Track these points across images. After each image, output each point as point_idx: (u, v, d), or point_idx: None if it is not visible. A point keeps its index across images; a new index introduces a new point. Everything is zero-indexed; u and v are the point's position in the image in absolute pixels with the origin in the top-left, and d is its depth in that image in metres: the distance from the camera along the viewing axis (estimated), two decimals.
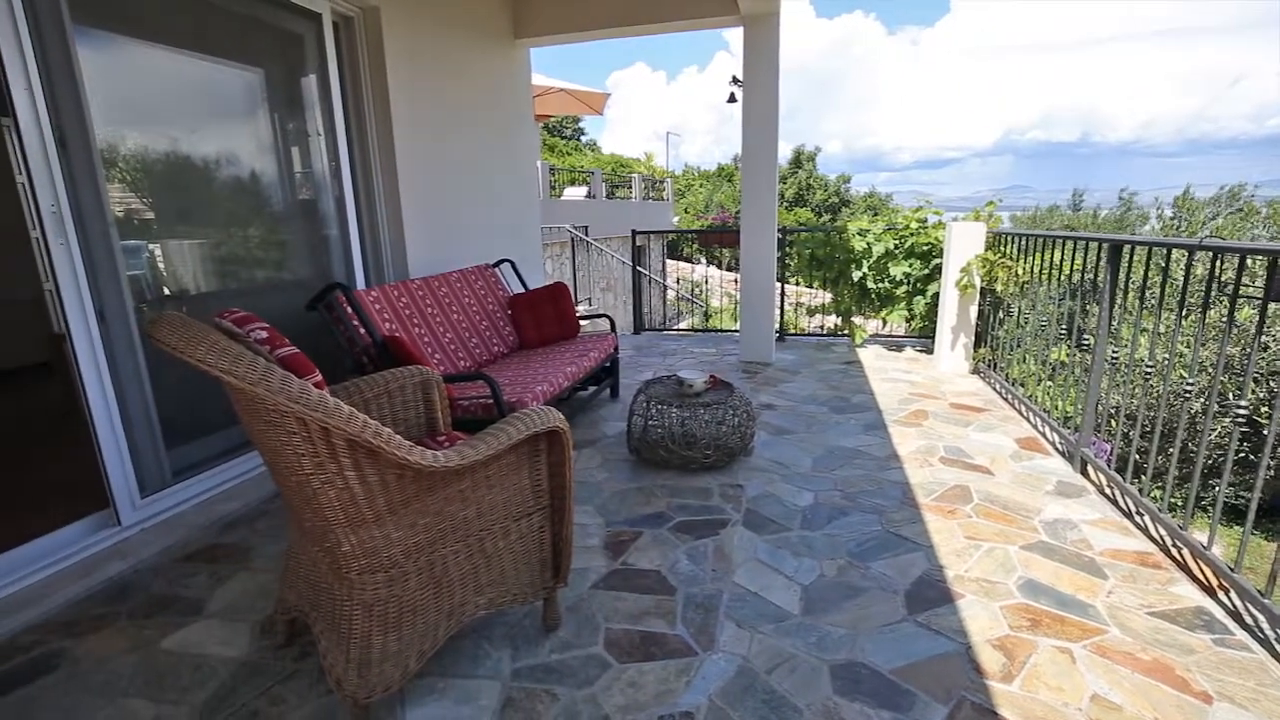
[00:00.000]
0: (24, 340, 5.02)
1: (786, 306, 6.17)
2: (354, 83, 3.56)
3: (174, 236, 2.86)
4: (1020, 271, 4.05)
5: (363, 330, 2.84)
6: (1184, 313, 2.41)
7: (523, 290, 4.38)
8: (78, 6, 2.27)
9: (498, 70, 4.81)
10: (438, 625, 1.56)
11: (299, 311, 3.01)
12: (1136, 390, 4.09)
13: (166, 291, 2.84)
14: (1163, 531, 2.38)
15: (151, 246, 2.75)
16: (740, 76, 4.90)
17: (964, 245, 4.60)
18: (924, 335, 5.77)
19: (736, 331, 6.35)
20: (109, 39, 2.51)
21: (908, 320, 5.73)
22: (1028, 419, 3.71)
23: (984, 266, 4.45)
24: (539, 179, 7.39)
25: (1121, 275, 2.89)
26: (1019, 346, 4.09)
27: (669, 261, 16.73)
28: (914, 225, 5.53)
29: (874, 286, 5.65)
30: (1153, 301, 2.90)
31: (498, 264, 4.35)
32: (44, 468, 3.17)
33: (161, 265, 2.81)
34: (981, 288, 4.61)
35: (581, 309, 8.58)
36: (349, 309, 2.85)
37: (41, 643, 1.93)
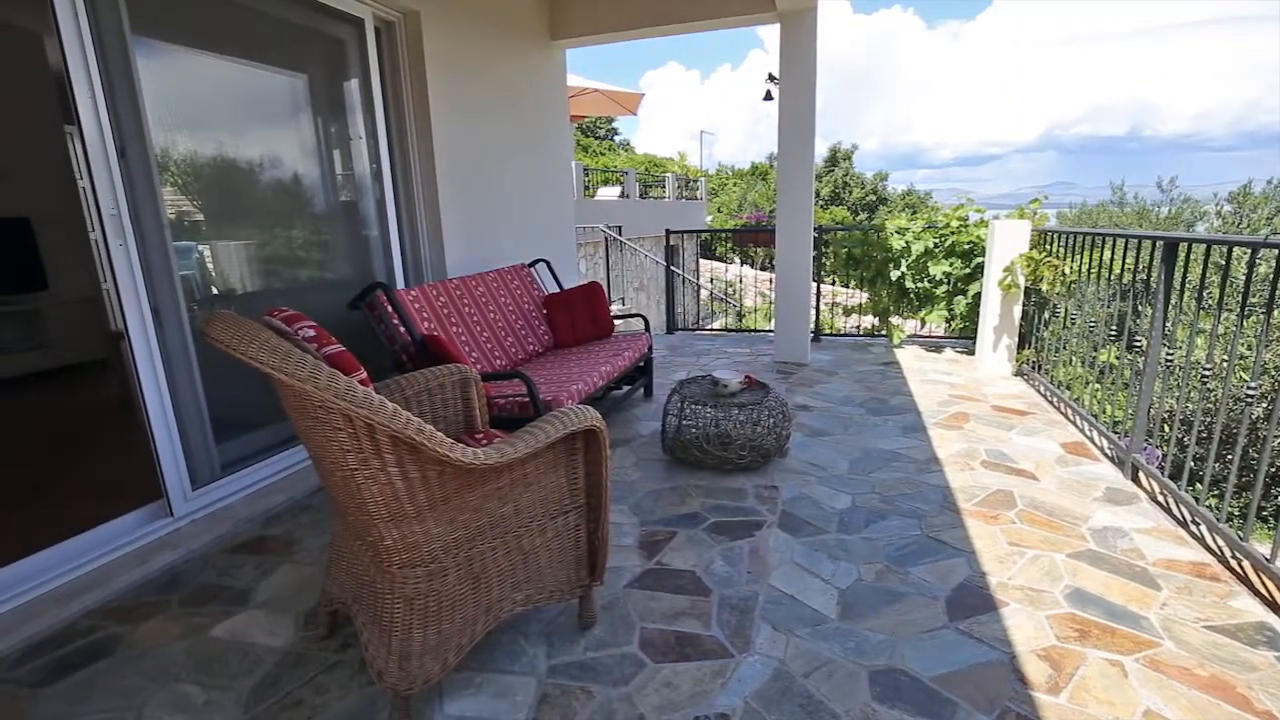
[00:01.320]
0: (84, 338, 5.25)
1: (822, 306, 6.08)
2: (394, 86, 3.63)
3: (222, 238, 2.96)
4: (1067, 271, 3.92)
5: (403, 329, 2.90)
6: (1245, 313, 2.30)
7: (558, 290, 4.41)
8: (137, 18, 2.37)
9: (534, 71, 4.85)
10: (476, 620, 1.58)
11: (341, 310, 3.08)
12: (1193, 394, 3.92)
13: (214, 291, 2.94)
14: (1221, 542, 2.28)
15: (200, 248, 2.86)
16: (776, 74, 4.85)
17: (1007, 244, 4.47)
18: (964, 336, 5.63)
19: (771, 332, 6.30)
20: (164, 48, 2.61)
21: (947, 321, 5.59)
22: (1074, 423, 3.59)
23: (1029, 265, 4.32)
24: (573, 179, 7.45)
25: (1177, 275, 2.77)
26: (1065, 348, 3.96)
27: (702, 261, 16.67)
28: (955, 223, 5.40)
29: (913, 286, 5.53)
30: (1210, 302, 2.77)
31: (533, 264, 4.39)
32: (103, 460, 3.30)
33: (210, 266, 2.91)
34: (1026, 287, 4.48)
35: (615, 308, 8.60)
36: (390, 308, 2.91)
37: (100, 627, 2.01)
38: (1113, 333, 3.32)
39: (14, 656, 1.88)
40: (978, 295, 5.14)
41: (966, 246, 5.31)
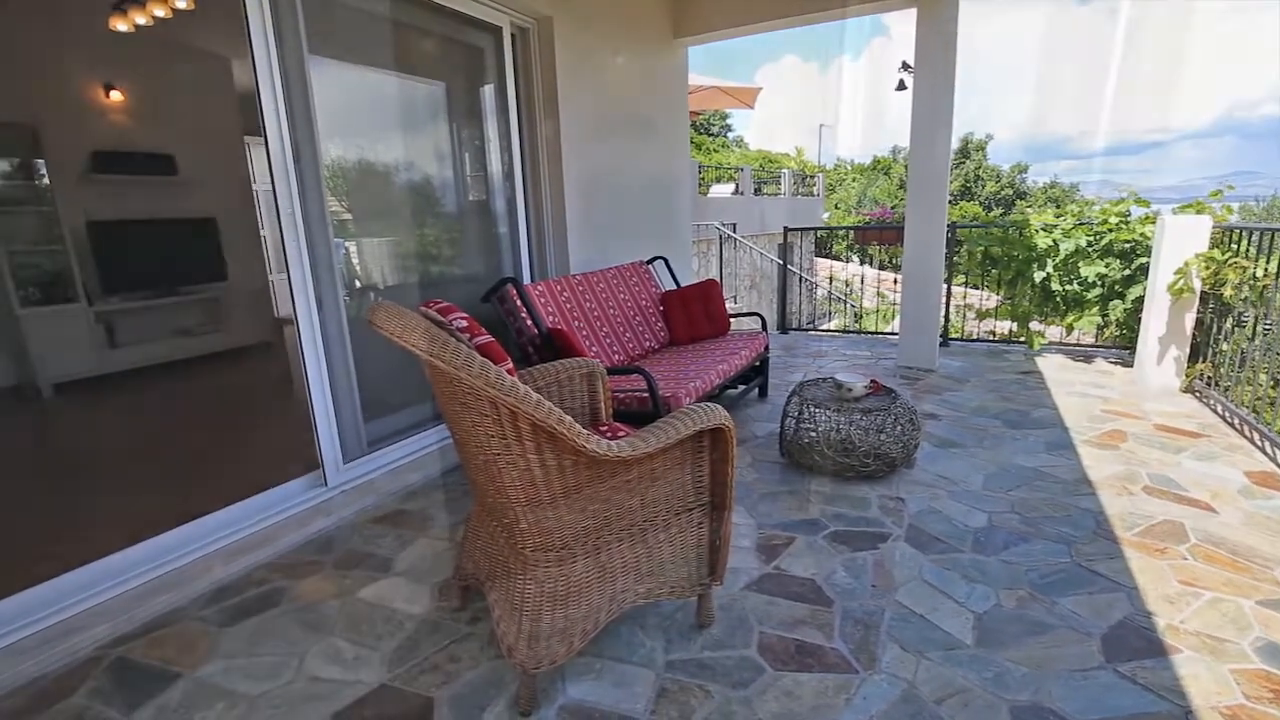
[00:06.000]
0: (254, 323, 5.95)
1: (950, 308, 5.69)
2: (527, 89, 3.80)
3: (368, 235, 3.23)
4: (1259, 274, 3.40)
5: (530, 322, 3.03)
6: None
7: (675, 287, 4.43)
8: (314, 40, 2.63)
9: (656, 71, 4.90)
10: (600, 609, 1.62)
11: (472, 303, 3.27)
12: None
13: (358, 284, 3.20)
14: None
15: (347, 244, 3.13)
16: (911, 62, 4.58)
17: (1180, 242, 3.96)
18: (1120, 345, 5.06)
19: (892, 334, 5.98)
20: (330, 64, 2.88)
21: (1100, 328, 5.05)
22: (1263, 449, 3.11)
23: (1207, 267, 3.80)
24: (691, 177, 7.46)
25: None
26: (1252, 362, 3.44)
27: (818, 259, 16.13)
28: (1114, 219, 4.86)
29: (1059, 289, 5.04)
30: None
31: (651, 261, 4.44)
32: (270, 431, 3.72)
33: (356, 261, 3.18)
34: (1202, 292, 3.95)
35: (729, 306, 8.51)
36: (519, 302, 3.05)
37: (268, 580, 2.27)
38: None
39: (205, 598, 2.16)
40: (1139, 300, 4.59)
41: (1127, 245, 4.76)
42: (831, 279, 14.68)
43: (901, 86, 7.33)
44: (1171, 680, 1.66)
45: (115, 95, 5.09)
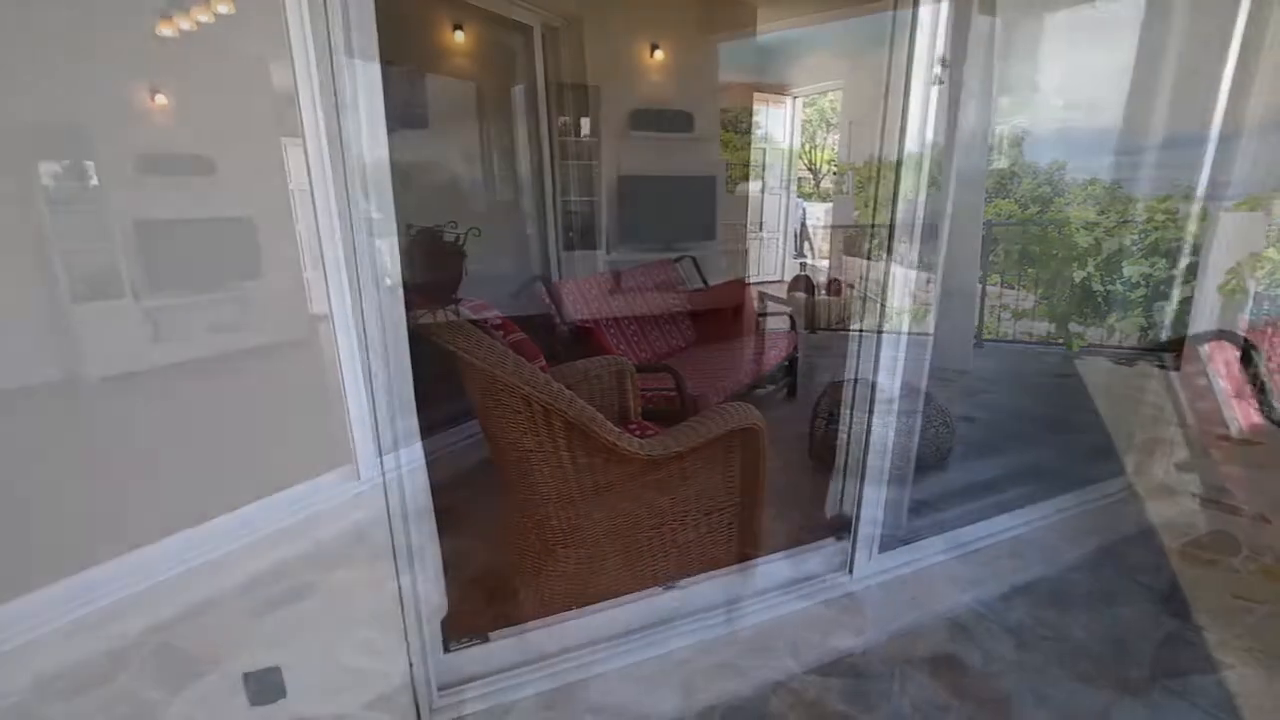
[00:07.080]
0: (287, 319, 6.05)
1: (985, 308, 5.55)
2: (556, 89, 3.81)
3: (401, 233, 3.27)
4: None
5: (559, 319, 3.03)
6: None
7: (702, 286, 4.40)
8: (351, 42, 2.67)
9: (686, 69, 4.86)
10: (629, 607, 1.62)
11: (503, 300, 3.29)
12: None
13: (389, 281, 3.24)
14: None
15: (379, 242, 3.16)
16: (947, 56, 4.47)
17: (1233, 241, 3.80)
18: (1165, 348, 4.88)
19: (923, 334, 5.86)
20: (365, 65, 2.91)
21: (1144, 330, 4.88)
22: None
23: (1262, 267, 3.64)
24: (720, 176, 7.41)
25: None
26: None
27: (846, 258, 15.91)
28: (1160, 217, 4.69)
29: (1101, 289, 4.88)
30: None
31: (679, 259, 4.42)
32: (303, 426, 3.78)
33: (389, 258, 3.22)
34: (1256, 293, 3.78)
35: (755, 305, 8.43)
36: (548, 299, 3.07)
37: (302, 572, 2.31)
38: None
39: (239, 587, 2.21)
40: (1187, 301, 4.43)
41: (1175, 244, 4.59)
42: (862, 278, 14.47)
43: (938, 81, 7.16)
44: (1224, 698, 1.59)
45: (160, 99, 5.24)
